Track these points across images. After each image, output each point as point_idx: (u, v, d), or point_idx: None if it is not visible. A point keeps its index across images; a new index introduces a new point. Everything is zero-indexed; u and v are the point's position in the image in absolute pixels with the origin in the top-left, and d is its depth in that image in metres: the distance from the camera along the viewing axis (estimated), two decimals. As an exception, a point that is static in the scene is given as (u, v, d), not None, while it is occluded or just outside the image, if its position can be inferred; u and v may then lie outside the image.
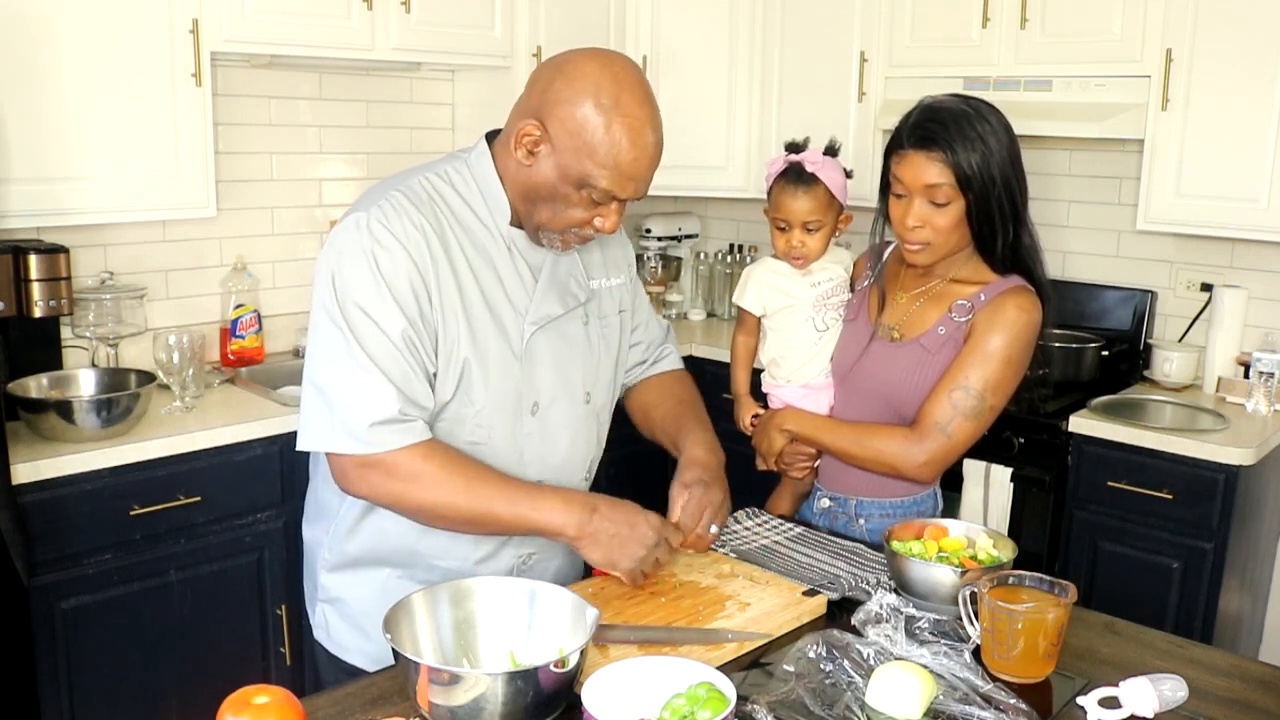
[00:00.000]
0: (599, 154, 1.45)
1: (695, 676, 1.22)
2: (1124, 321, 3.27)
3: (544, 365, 1.61)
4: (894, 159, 1.85)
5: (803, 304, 2.06)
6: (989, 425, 1.87)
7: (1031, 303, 1.85)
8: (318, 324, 1.50)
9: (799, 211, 2.01)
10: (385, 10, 2.92)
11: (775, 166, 2.06)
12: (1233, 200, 2.82)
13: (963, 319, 1.87)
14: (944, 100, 1.86)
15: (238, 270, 3.07)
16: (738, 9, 3.64)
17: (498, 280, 1.56)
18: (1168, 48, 2.86)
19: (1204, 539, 2.68)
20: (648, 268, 4.03)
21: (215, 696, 1.18)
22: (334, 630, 1.67)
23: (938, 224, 1.82)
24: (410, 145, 3.43)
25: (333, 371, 1.47)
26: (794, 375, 2.09)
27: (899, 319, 1.95)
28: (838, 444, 1.95)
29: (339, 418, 1.46)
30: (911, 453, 1.85)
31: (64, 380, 2.58)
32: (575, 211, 1.51)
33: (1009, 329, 1.83)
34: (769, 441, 2.04)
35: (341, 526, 1.62)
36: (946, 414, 1.83)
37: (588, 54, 1.50)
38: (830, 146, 2.04)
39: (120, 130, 2.53)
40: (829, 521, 2.03)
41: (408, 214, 1.49)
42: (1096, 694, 1.34)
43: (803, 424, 2.00)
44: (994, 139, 1.79)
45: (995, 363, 1.82)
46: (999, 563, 1.56)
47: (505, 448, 1.59)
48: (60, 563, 2.30)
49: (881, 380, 1.94)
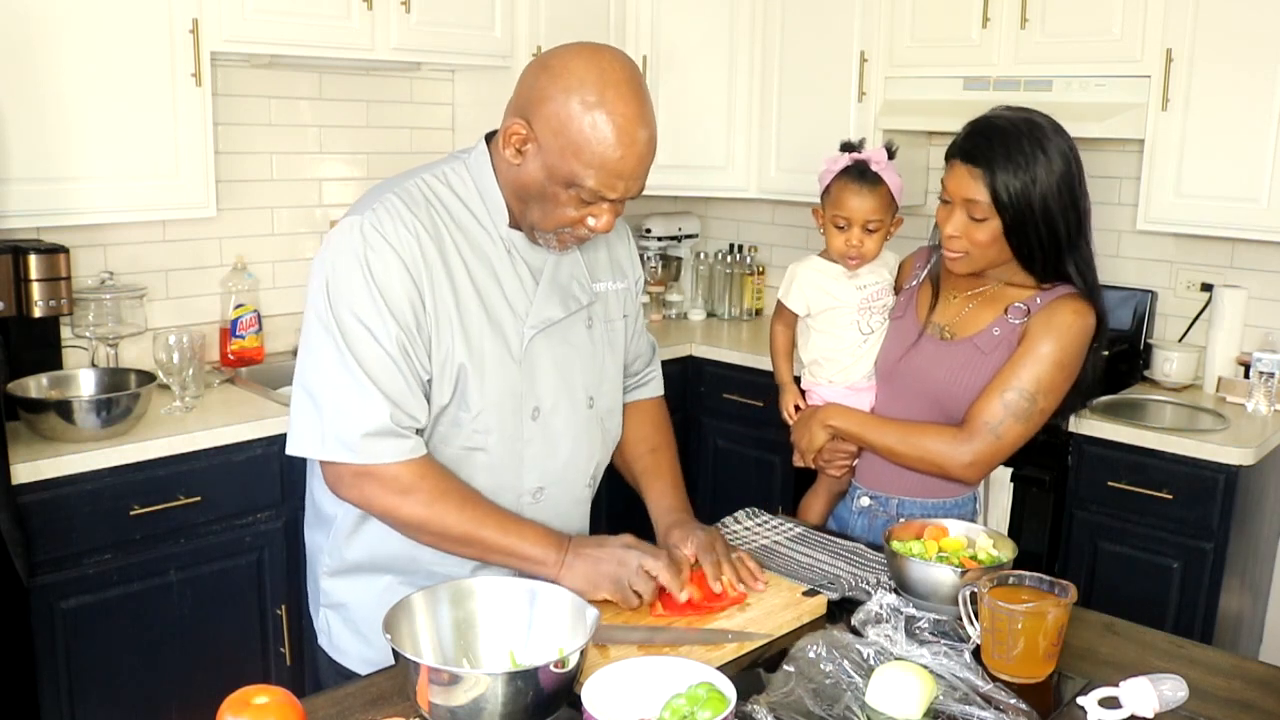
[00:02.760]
0: (584, 153, 1.42)
1: (695, 676, 1.22)
2: (1124, 321, 3.27)
3: (545, 369, 1.59)
4: (947, 165, 1.85)
5: (848, 306, 2.05)
6: (1038, 428, 1.86)
7: (1087, 309, 1.84)
8: (310, 328, 1.49)
9: (862, 210, 1.99)
10: (385, 10, 2.91)
11: (837, 164, 2.03)
12: (1233, 200, 2.82)
13: (1018, 321, 1.86)
14: (1004, 116, 1.83)
15: (238, 270, 3.07)
16: (738, 9, 3.64)
17: (496, 283, 1.55)
18: (1168, 48, 2.86)
19: (1204, 539, 2.68)
20: (648, 268, 4.03)
21: (215, 696, 1.18)
22: (335, 635, 1.67)
23: (975, 237, 1.82)
24: (410, 145, 3.43)
25: (324, 378, 1.46)
26: (836, 377, 2.07)
27: (951, 318, 1.95)
28: (883, 441, 1.92)
29: (330, 426, 1.46)
30: (959, 452, 1.84)
31: (64, 380, 2.58)
32: (566, 211, 1.48)
33: (1064, 334, 1.82)
34: (810, 437, 2.02)
35: (341, 532, 1.62)
36: (998, 415, 1.82)
37: (575, 49, 1.47)
38: (889, 149, 2.03)
39: (120, 130, 2.52)
40: (868, 521, 2.02)
41: (402, 217, 1.48)
42: (1096, 694, 1.34)
43: (847, 420, 1.98)
44: (1043, 167, 1.76)
45: (1048, 365, 1.82)
46: (999, 563, 1.56)
47: (505, 453, 1.58)
48: (60, 563, 2.30)
49: (930, 378, 1.92)
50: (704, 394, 3.66)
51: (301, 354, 1.51)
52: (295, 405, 1.50)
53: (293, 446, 1.50)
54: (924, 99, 3.30)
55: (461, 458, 1.56)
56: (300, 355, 1.51)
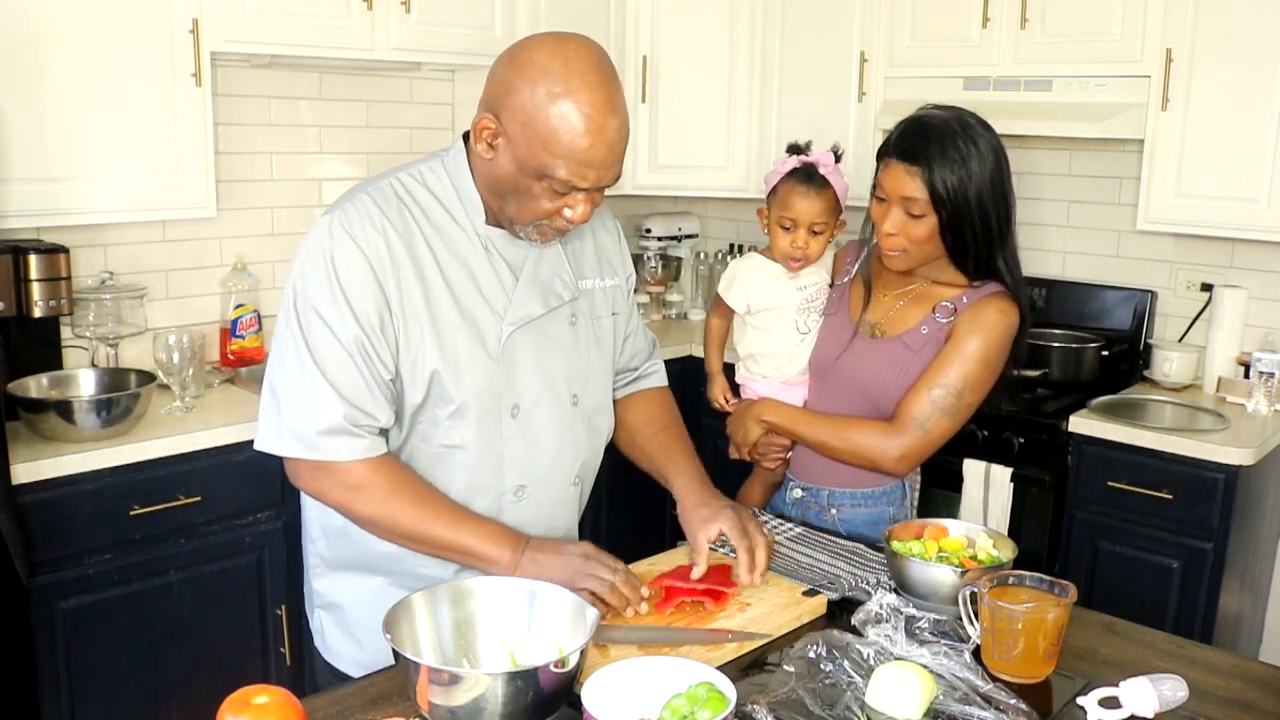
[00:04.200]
0: (552, 144, 1.40)
1: (695, 676, 1.23)
2: (1124, 321, 3.27)
3: (525, 366, 1.57)
4: (880, 164, 1.89)
5: (787, 306, 2.07)
6: (964, 423, 1.92)
7: (1012, 307, 1.89)
8: (279, 324, 1.52)
9: (809, 212, 2.01)
10: (385, 10, 2.91)
11: (785, 166, 2.06)
12: (1233, 200, 2.82)
13: (945, 320, 1.91)
14: (935, 114, 1.87)
15: (238, 270, 3.07)
16: (738, 9, 3.63)
17: (472, 281, 1.54)
18: (1168, 48, 2.86)
19: (1204, 539, 2.68)
20: (648, 268, 4.03)
21: (215, 696, 1.18)
22: (329, 637, 1.67)
23: (912, 234, 1.85)
24: (410, 145, 3.43)
25: (284, 375, 1.49)
26: (772, 373, 2.10)
27: (881, 316, 1.98)
28: (815, 436, 1.97)
29: (287, 422, 1.47)
30: (889, 446, 1.88)
31: (64, 380, 2.58)
32: (540, 203, 1.46)
33: (989, 331, 1.87)
34: (745, 431, 2.06)
35: (328, 531, 1.62)
36: (926, 410, 1.86)
37: (540, 40, 1.46)
38: (835, 152, 2.05)
39: (120, 130, 2.52)
40: (801, 511, 2.05)
41: (370, 217, 1.48)
42: (1096, 694, 1.34)
43: (780, 415, 2.02)
44: (977, 162, 1.81)
45: (974, 363, 1.86)
46: (999, 563, 1.56)
47: (484, 451, 1.56)
48: (60, 563, 2.30)
49: (862, 375, 1.96)
50: (704, 394, 3.65)
51: (271, 351, 1.53)
52: (261, 400, 1.53)
53: (258, 442, 1.52)
54: (924, 99, 3.24)
55: (440, 456, 1.55)
56: (270, 352, 1.54)
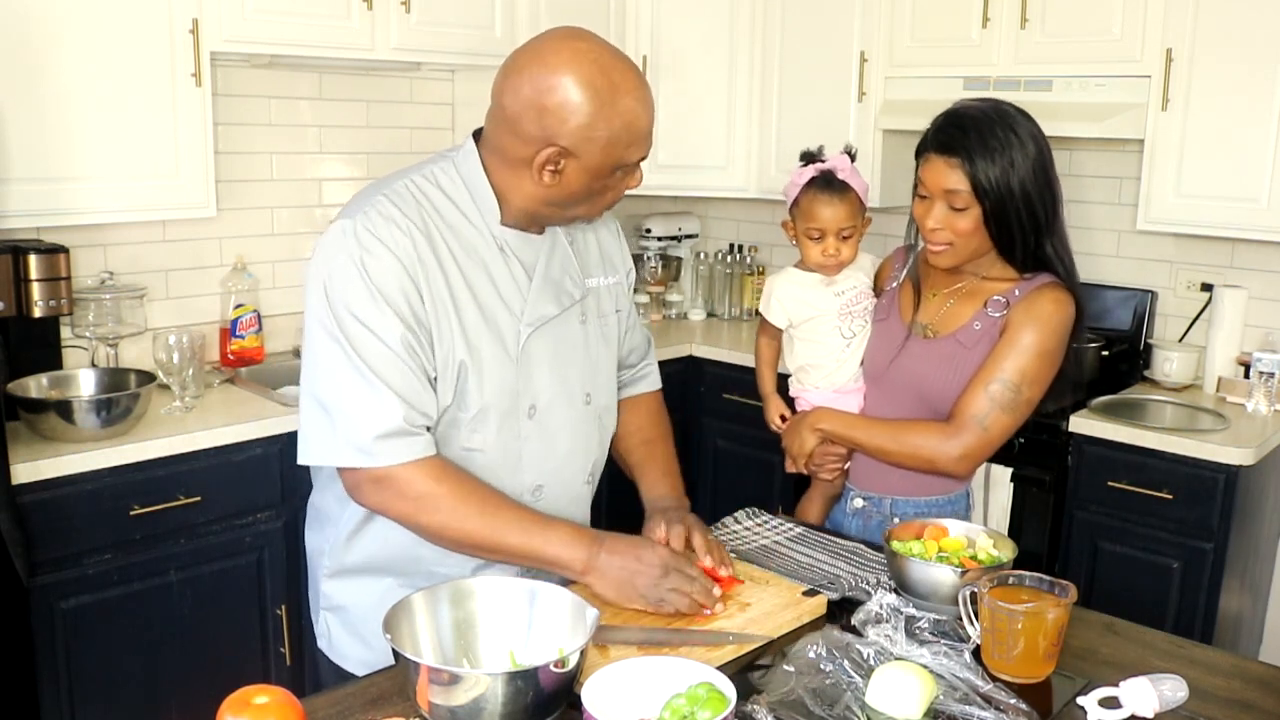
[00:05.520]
0: (623, 139, 1.46)
1: (695, 676, 1.22)
2: (1124, 321, 3.27)
3: (541, 367, 1.59)
4: (920, 160, 1.86)
5: (828, 314, 2.05)
6: (1025, 418, 1.87)
7: (1067, 297, 1.85)
8: (313, 336, 1.49)
9: (834, 219, 2.00)
10: (385, 10, 2.91)
11: (802, 176, 2.04)
12: (1233, 200, 2.82)
13: (998, 314, 1.87)
14: (972, 105, 1.85)
15: (238, 270, 3.07)
16: (738, 9, 3.64)
17: (490, 282, 1.54)
18: (1168, 48, 2.86)
19: (1204, 539, 2.68)
20: (648, 268, 4.03)
21: (215, 696, 1.18)
22: (335, 639, 1.67)
23: (957, 227, 1.83)
24: (410, 145, 3.43)
25: (333, 384, 1.46)
26: (822, 382, 2.08)
27: (932, 316, 1.95)
28: (873, 441, 1.94)
29: (342, 431, 1.45)
30: (948, 446, 1.85)
31: (64, 380, 2.58)
32: (614, 192, 1.55)
33: (1045, 323, 1.83)
34: (800, 442, 2.02)
35: (342, 534, 1.61)
36: (983, 407, 1.83)
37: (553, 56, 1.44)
38: (850, 153, 2.04)
39: (120, 130, 2.52)
40: (863, 522, 2.03)
41: (394, 219, 1.48)
42: (1096, 694, 1.34)
43: (836, 423, 1.99)
44: (1018, 150, 1.78)
45: (1030, 356, 1.83)
46: (999, 563, 1.56)
47: (502, 452, 1.57)
48: (60, 563, 2.30)
49: (917, 377, 1.93)
50: (704, 394, 3.66)
51: (306, 363, 1.50)
52: (305, 414, 1.50)
53: (305, 456, 1.50)
54: (924, 99, 3.30)
55: (460, 459, 1.55)
56: (305, 364, 1.51)
